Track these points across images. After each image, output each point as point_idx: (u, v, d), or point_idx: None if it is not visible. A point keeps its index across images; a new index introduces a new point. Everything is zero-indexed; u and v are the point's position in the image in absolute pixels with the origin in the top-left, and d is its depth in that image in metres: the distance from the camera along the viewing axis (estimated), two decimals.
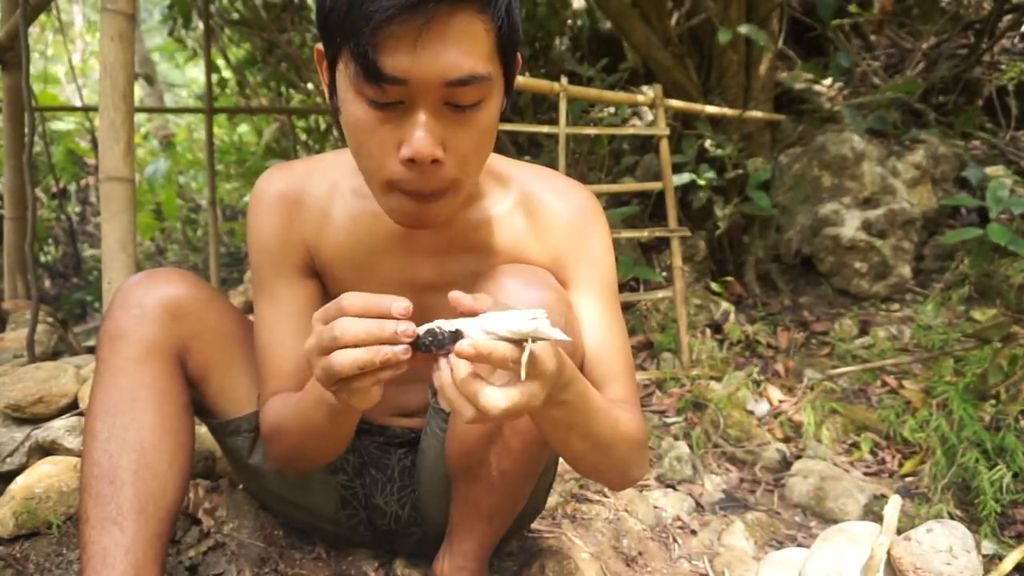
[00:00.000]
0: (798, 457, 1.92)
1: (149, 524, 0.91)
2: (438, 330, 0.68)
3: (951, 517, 1.58)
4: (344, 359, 0.67)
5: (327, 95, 0.87)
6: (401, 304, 0.68)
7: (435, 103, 0.76)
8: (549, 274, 0.96)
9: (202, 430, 1.24)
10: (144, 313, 0.97)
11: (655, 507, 1.64)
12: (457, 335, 0.67)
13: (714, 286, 2.87)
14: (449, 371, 0.68)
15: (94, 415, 0.95)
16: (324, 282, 1.05)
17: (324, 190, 1.01)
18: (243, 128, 6.22)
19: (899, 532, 1.15)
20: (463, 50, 0.74)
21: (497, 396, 0.67)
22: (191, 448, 1.01)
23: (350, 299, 0.68)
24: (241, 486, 1.33)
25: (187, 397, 1.02)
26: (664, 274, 2.79)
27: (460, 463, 1.02)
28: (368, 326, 0.67)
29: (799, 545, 1.54)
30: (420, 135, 0.76)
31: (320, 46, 0.83)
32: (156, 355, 0.97)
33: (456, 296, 0.69)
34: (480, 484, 1.02)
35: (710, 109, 2.72)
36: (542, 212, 1.00)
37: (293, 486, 1.16)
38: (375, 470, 1.20)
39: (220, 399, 1.08)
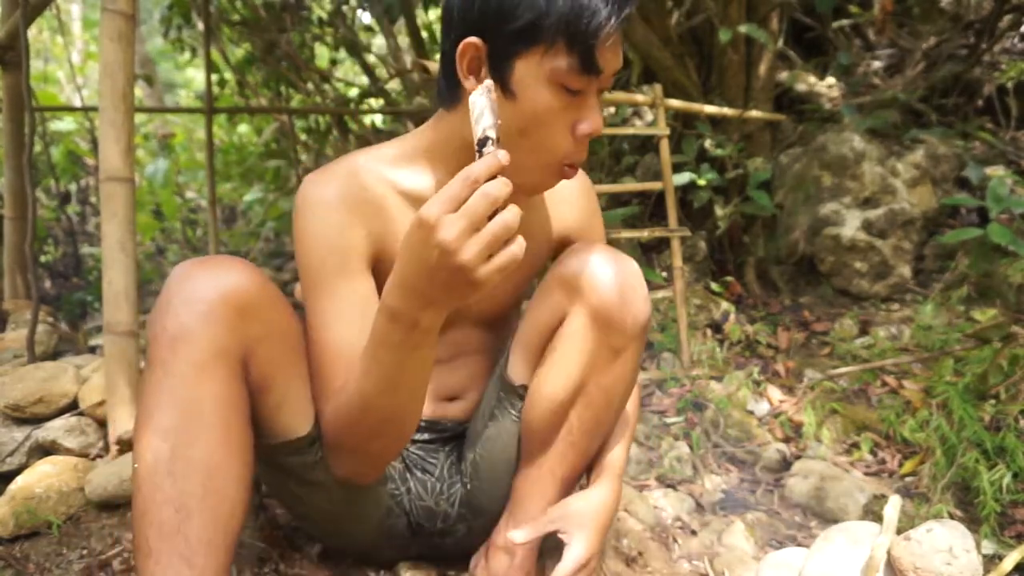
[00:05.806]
0: (798, 457, 1.92)
1: (218, 558, 0.81)
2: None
3: (951, 517, 1.58)
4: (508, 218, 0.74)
5: (446, 85, 0.97)
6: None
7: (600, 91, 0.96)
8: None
9: None
10: (211, 310, 0.83)
11: (655, 507, 1.64)
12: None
13: (714, 286, 2.87)
14: None
15: (151, 429, 0.82)
16: (378, 278, 1.02)
17: (379, 192, 1.02)
18: (243, 128, 6.22)
19: (899, 532, 1.15)
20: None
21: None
22: (254, 468, 0.90)
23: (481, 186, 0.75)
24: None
25: (251, 410, 0.90)
26: (664, 274, 2.79)
27: (546, 424, 1.05)
28: (488, 188, 0.73)
29: (799, 545, 1.54)
30: (598, 115, 0.94)
31: (473, 40, 0.89)
32: (223, 360, 0.84)
33: None
34: (559, 445, 1.06)
35: (710, 109, 2.72)
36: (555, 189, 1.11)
37: (342, 500, 1.08)
38: (421, 472, 1.18)
39: (279, 412, 0.96)
